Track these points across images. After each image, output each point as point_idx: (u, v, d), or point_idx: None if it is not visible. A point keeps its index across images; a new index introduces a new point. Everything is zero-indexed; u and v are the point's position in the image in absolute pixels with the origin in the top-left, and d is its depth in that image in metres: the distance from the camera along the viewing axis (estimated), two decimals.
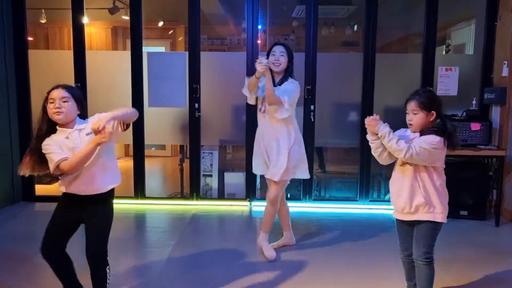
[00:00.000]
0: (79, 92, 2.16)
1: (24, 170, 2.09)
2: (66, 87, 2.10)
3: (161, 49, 7.08)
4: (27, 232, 3.60)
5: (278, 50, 2.98)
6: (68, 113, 2.06)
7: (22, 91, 4.36)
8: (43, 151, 2.04)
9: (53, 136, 2.07)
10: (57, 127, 2.09)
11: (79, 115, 2.14)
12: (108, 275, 2.14)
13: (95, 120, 1.98)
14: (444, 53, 6.13)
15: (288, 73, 3.03)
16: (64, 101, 2.05)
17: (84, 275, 2.20)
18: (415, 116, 2.15)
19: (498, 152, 3.90)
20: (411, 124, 2.19)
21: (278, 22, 6.87)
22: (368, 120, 2.20)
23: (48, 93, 2.08)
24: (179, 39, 7.17)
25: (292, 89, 2.97)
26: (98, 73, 4.35)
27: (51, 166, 2.01)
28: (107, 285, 2.14)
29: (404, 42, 6.60)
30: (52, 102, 2.05)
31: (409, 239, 2.26)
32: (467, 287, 2.66)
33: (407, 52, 6.53)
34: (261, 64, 2.80)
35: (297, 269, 2.90)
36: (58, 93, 2.06)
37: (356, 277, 2.79)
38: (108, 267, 2.15)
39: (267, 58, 2.97)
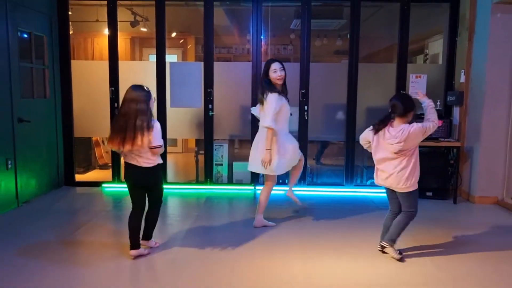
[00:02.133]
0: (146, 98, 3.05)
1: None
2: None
3: (174, 57, 7.88)
4: (70, 211, 4.46)
5: (278, 66, 3.64)
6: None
7: (66, 94, 5.23)
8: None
9: None
10: None
11: None
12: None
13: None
14: (423, 61, 7.02)
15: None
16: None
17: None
18: (400, 119, 3.06)
19: (457, 144, 4.79)
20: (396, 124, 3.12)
21: (278, 33, 7.73)
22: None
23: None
24: (188, 47, 8.01)
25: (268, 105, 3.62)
26: (128, 80, 5.19)
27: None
28: None
29: (390, 51, 7.45)
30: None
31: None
32: (427, 247, 3.54)
33: (392, 61, 7.39)
34: None
35: (292, 235, 3.79)
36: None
37: (341, 244, 3.62)
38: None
39: (267, 76, 3.66)
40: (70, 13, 5.65)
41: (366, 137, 3.21)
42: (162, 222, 4.01)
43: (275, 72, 3.65)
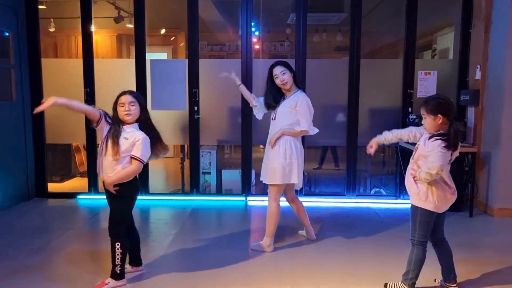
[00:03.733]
0: (142, 98, 2.65)
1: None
2: (132, 93, 2.57)
3: (163, 55, 7.42)
4: (40, 226, 3.96)
5: (279, 70, 3.18)
6: (134, 115, 2.54)
7: (36, 96, 4.72)
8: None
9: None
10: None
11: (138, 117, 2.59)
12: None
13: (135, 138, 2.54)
14: (430, 57, 6.49)
15: (296, 82, 3.29)
16: (131, 105, 2.52)
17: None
18: (425, 120, 2.45)
19: (472, 149, 4.25)
20: (425, 127, 2.49)
21: (274, 29, 7.23)
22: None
23: (118, 97, 2.55)
24: (181, 45, 7.53)
25: (304, 108, 3.21)
26: (104, 79, 4.72)
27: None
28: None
29: (394, 47, 6.95)
30: (122, 106, 2.52)
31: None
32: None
33: (397, 57, 6.89)
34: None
35: (287, 258, 3.26)
36: (127, 98, 2.53)
37: (341, 275, 3.13)
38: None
39: (270, 82, 3.26)
40: (43, 7, 5.20)
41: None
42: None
43: (277, 78, 3.23)
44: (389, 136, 2.72)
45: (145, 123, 2.62)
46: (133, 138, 2.53)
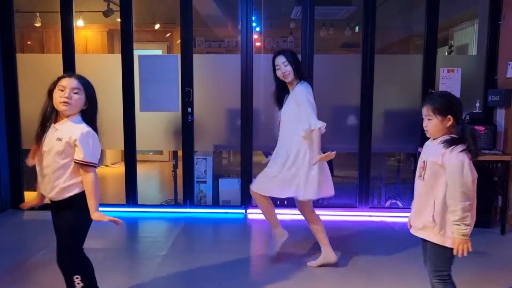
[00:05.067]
0: (92, 87, 2.05)
1: (31, 161, 2.03)
2: (79, 78, 2.00)
3: (158, 52, 6.96)
4: (15, 241, 3.47)
5: (280, 61, 2.83)
6: (75, 106, 1.96)
7: (10, 95, 4.24)
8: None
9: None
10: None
11: (83, 112, 2.01)
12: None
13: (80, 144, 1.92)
14: (446, 54, 5.98)
15: (300, 75, 2.86)
16: (74, 92, 1.94)
17: None
18: (429, 122, 2.00)
19: (503, 157, 3.74)
20: (427, 130, 2.04)
21: (277, 23, 6.74)
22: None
23: (59, 79, 1.97)
24: (177, 41, 7.04)
25: (306, 105, 2.77)
26: (88, 77, 4.19)
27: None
28: None
29: (406, 43, 6.46)
30: (62, 90, 1.94)
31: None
32: None
33: (409, 53, 6.39)
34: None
35: (294, 282, 2.75)
36: (71, 82, 1.95)
37: None
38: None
39: (274, 75, 2.88)
40: None
41: None
42: (120, 264, 2.97)
43: (278, 70, 2.86)
44: None
45: (89, 120, 2.03)
46: (69, 136, 1.94)
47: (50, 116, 1.99)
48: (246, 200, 4.23)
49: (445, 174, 1.91)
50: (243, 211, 4.24)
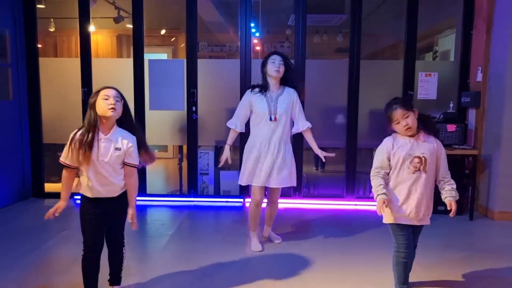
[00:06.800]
0: (125, 99, 2.32)
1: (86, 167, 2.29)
2: (116, 89, 2.29)
3: (163, 55, 7.38)
4: (39, 224, 3.92)
5: (278, 59, 3.16)
6: (119, 112, 2.24)
7: (33, 96, 4.70)
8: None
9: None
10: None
11: (118, 121, 2.28)
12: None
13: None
14: (432, 59, 6.43)
15: (284, 81, 3.25)
16: (116, 100, 2.22)
17: None
18: (409, 119, 2.30)
19: (473, 152, 4.19)
20: (409, 128, 2.31)
21: (274, 30, 7.18)
22: None
23: (98, 91, 2.23)
24: (181, 45, 7.48)
25: (300, 105, 3.36)
26: (103, 79, 4.67)
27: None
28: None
29: (396, 49, 6.88)
30: (107, 99, 2.19)
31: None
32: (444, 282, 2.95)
33: (398, 59, 6.81)
34: None
35: (286, 259, 3.21)
36: (112, 92, 2.23)
37: (341, 272, 3.09)
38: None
39: (265, 65, 3.20)
40: (42, 6, 5.16)
41: None
42: (132, 240, 3.44)
43: (273, 63, 3.17)
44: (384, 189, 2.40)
45: (129, 125, 2.32)
46: (125, 145, 2.25)
47: (95, 124, 2.22)
48: (244, 191, 4.69)
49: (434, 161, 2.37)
50: (241, 200, 4.70)
